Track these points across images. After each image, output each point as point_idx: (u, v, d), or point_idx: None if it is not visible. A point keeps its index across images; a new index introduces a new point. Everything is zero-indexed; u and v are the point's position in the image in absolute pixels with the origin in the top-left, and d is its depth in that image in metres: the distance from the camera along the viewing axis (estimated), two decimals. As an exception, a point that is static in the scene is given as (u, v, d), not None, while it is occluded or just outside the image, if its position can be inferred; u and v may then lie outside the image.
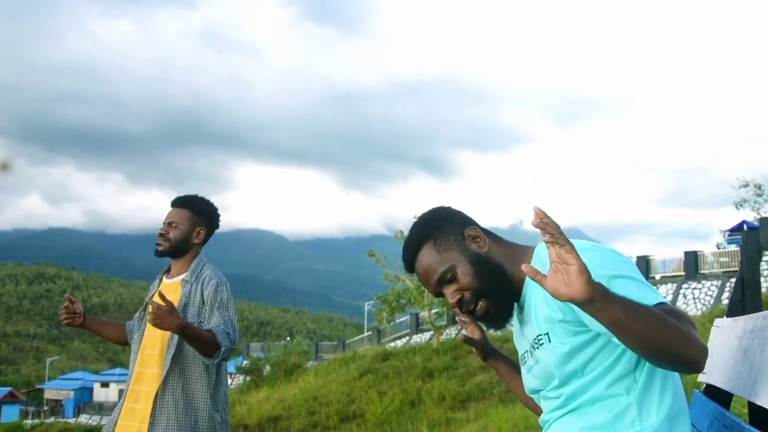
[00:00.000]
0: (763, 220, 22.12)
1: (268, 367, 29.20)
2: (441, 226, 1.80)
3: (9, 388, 59.75)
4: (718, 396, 1.88)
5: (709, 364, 1.81)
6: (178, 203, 3.53)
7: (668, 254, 28.27)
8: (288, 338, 45.85)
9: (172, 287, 3.43)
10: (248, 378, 30.00)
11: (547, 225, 1.34)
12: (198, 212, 3.52)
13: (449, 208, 1.88)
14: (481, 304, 1.74)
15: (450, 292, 1.76)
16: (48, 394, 59.40)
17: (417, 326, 32.42)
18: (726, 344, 1.81)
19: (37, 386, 64.77)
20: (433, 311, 25.39)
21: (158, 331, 3.29)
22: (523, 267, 1.41)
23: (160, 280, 3.57)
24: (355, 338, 40.81)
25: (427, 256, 1.78)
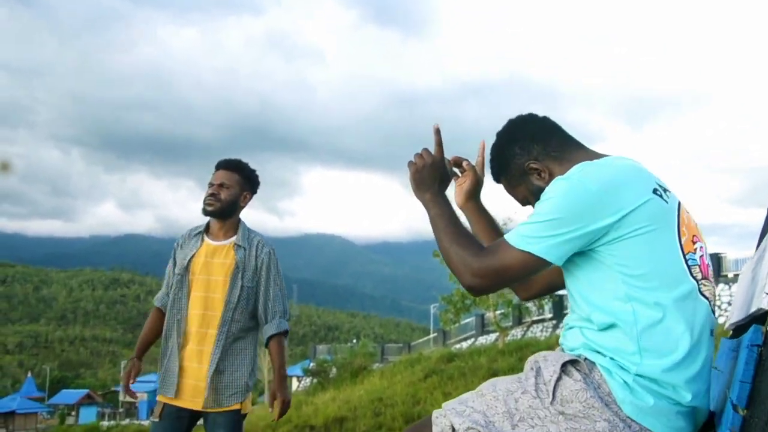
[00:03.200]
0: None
1: (334, 369, 29.30)
2: (508, 162, 1.92)
3: (86, 390, 61.46)
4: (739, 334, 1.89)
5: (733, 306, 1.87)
6: (228, 166, 3.58)
7: (743, 254, 27.30)
8: (354, 341, 45.98)
9: (222, 250, 3.50)
10: (315, 380, 30.18)
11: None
12: (246, 177, 3.58)
13: (516, 131, 1.94)
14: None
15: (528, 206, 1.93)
16: (123, 396, 60.82)
17: (482, 327, 32.15)
18: (742, 281, 1.81)
19: (113, 388, 66.52)
20: (498, 312, 25.11)
21: (202, 293, 3.42)
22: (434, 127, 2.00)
23: (201, 239, 3.57)
24: (421, 340, 40.71)
25: (504, 187, 1.98)
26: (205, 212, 3.51)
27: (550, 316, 29.20)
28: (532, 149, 1.88)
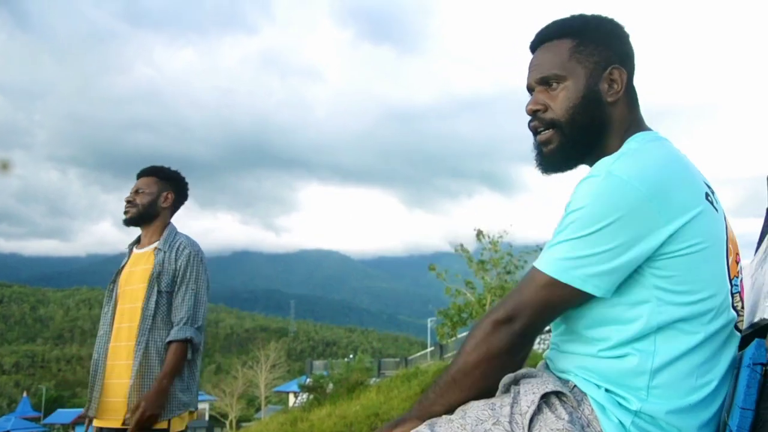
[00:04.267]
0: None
1: (330, 385, 29.15)
2: (600, 38, 1.49)
3: (82, 410, 61.12)
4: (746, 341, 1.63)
5: None
6: (143, 172, 3.48)
7: (744, 264, 27.23)
8: (351, 356, 45.81)
9: (143, 257, 3.34)
10: (311, 396, 30.02)
11: None
12: (164, 177, 3.47)
13: (626, 34, 1.54)
14: (550, 133, 1.50)
15: (537, 98, 1.52)
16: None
17: (480, 341, 31.99)
18: (743, 285, 1.65)
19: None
20: (496, 325, 25.00)
21: (127, 305, 3.24)
22: None
23: (130, 251, 3.47)
24: (418, 354, 40.53)
25: (556, 49, 1.51)
26: (124, 221, 3.40)
27: (547, 329, 29.07)
28: (627, 61, 1.51)
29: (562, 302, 1.36)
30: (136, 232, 3.51)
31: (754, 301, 1.53)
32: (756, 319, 1.44)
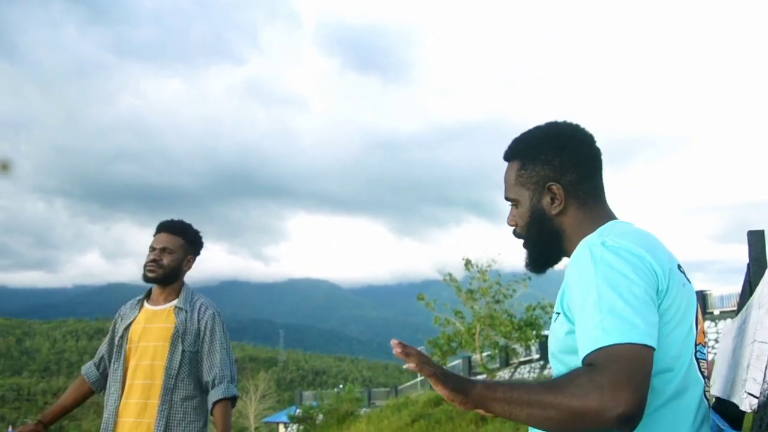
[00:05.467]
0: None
1: (320, 416, 28.99)
2: (540, 157, 1.63)
3: (69, 444, 60.40)
4: (725, 407, 1.70)
5: (714, 373, 1.68)
6: (171, 229, 3.44)
7: (728, 290, 27.40)
8: (341, 385, 45.56)
9: (161, 315, 3.34)
10: (301, 427, 29.85)
11: (408, 355, 1.37)
12: (190, 240, 3.46)
13: (579, 142, 1.64)
14: (523, 244, 1.71)
15: (510, 214, 1.71)
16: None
17: (470, 370, 31.92)
18: (724, 349, 1.65)
19: (97, 441, 65.46)
20: (485, 354, 24.98)
21: (144, 361, 3.24)
22: (393, 343, 1.40)
23: (141, 306, 3.45)
24: (408, 383, 40.35)
25: (509, 171, 1.70)
26: (146, 279, 3.37)
27: (537, 356, 29.06)
28: (567, 173, 1.61)
29: (648, 363, 1.28)
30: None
31: (734, 372, 1.53)
32: (734, 397, 1.46)
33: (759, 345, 1.39)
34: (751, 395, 1.38)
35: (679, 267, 1.49)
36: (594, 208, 1.62)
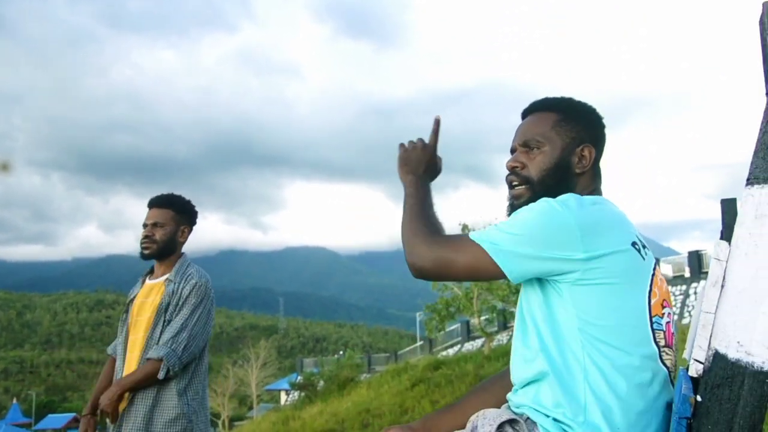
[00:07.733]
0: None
1: (321, 382, 29.21)
2: (579, 118, 1.76)
3: (73, 414, 60.86)
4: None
5: (688, 336, 1.71)
6: (159, 203, 3.45)
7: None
8: (341, 352, 45.85)
9: (155, 288, 3.38)
10: (302, 394, 30.07)
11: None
12: (180, 211, 3.46)
13: (602, 122, 1.81)
14: (522, 189, 1.73)
15: (518, 157, 1.76)
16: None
17: (468, 334, 32.17)
18: (695, 314, 1.69)
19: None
20: (483, 318, 25.13)
21: (139, 335, 3.28)
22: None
23: (143, 282, 3.50)
24: (407, 349, 40.65)
25: (541, 119, 1.77)
26: (143, 256, 3.40)
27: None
28: (598, 144, 1.76)
29: (475, 270, 1.58)
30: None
31: (692, 341, 1.60)
32: (690, 360, 1.53)
33: (705, 315, 1.48)
34: (697, 361, 1.47)
35: (634, 244, 1.57)
36: (598, 183, 1.76)
